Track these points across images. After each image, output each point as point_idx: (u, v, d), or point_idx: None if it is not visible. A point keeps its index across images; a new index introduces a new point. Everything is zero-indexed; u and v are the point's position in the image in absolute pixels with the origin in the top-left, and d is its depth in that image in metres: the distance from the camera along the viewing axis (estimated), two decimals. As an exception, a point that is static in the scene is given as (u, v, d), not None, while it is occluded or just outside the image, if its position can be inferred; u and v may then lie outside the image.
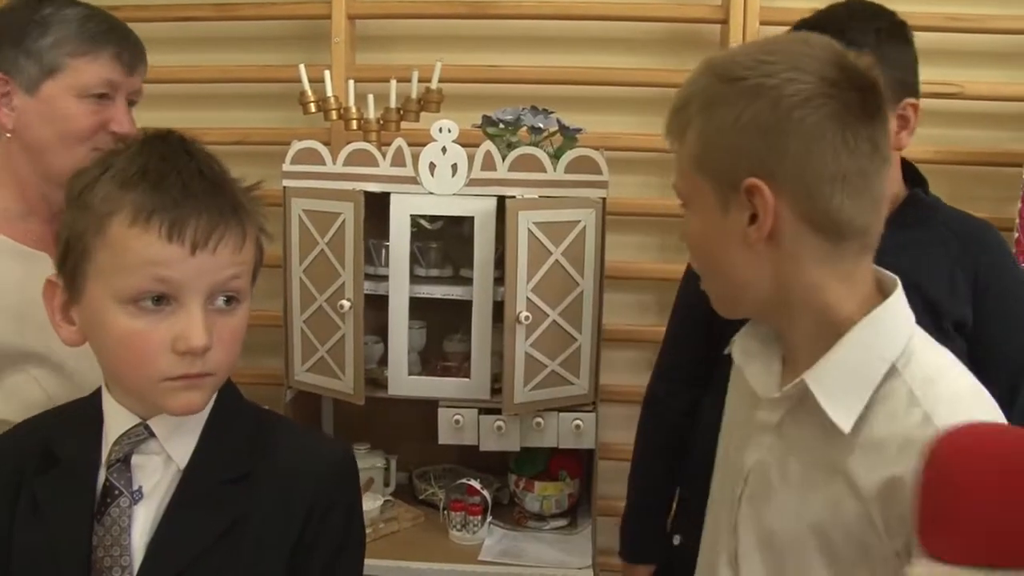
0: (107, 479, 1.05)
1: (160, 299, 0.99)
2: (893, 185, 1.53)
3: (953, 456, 0.76)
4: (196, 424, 1.08)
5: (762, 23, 2.26)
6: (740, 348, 1.15)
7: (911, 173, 1.59)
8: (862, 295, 1.01)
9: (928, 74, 2.25)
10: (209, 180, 1.02)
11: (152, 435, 1.06)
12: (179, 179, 0.99)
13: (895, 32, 1.51)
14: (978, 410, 0.95)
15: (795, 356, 1.05)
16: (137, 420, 1.06)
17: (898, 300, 1.00)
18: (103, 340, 1.02)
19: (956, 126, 2.35)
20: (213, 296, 1.02)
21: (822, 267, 0.99)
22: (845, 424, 0.96)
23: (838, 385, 0.97)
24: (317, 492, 1.10)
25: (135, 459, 1.06)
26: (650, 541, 1.87)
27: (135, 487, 1.05)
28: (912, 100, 1.49)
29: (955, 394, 0.95)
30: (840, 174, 0.96)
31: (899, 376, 0.96)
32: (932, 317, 1.45)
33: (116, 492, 1.04)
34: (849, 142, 0.96)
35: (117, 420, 1.07)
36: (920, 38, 1.56)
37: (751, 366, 1.11)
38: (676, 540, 1.81)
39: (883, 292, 1.02)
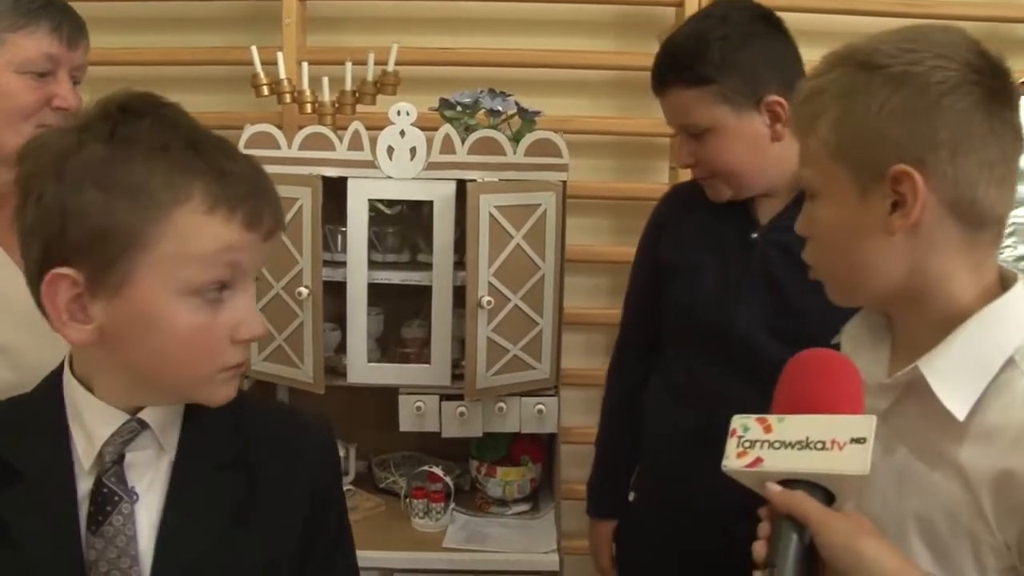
0: (103, 485, 0.96)
1: (222, 288, 0.94)
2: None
3: (791, 363, 0.97)
4: (178, 411, 1.02)
5: (717, 5, 2.26)
6: (850, 337, 1.14)
7: None
8: (985, 285, 1.00)
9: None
10: (252, 161, 0.99)
11: (143, 428, 0.98)
12: (242, 163, 0.96)
13: (742, 37, 1.55)
14: None
15: (908, 344, 1.04)
16: (125, 416, 0.97)
17: (1020, 293, 0.99)
18: (156, 335, 0.93)
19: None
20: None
21: (957, 256, 0.98)
22: (960, 412, 0.95)
23: (953, 373, 0.96)
24: (320, 464, 1.10)
25: (128, 458, 0.99)
26: (611, 500, 1.97)
27: (130, 488, 0.98)
28: (774, 96, 1.54)
29: None
30: (988, 161, 0.95)
31: (1017, 368, 0.95)
32: (825, 292, 1.50)
33: (116, 498, 0.96)
34: (996, 129, 0.95)
35: (103, 419, 0.97)
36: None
37: (860, 354, 1.09)
38: (631, 496, 1.91)
39: (1003, 285, 1.01)
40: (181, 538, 0.98)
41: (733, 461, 0.91)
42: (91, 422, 0.98)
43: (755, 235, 1.61)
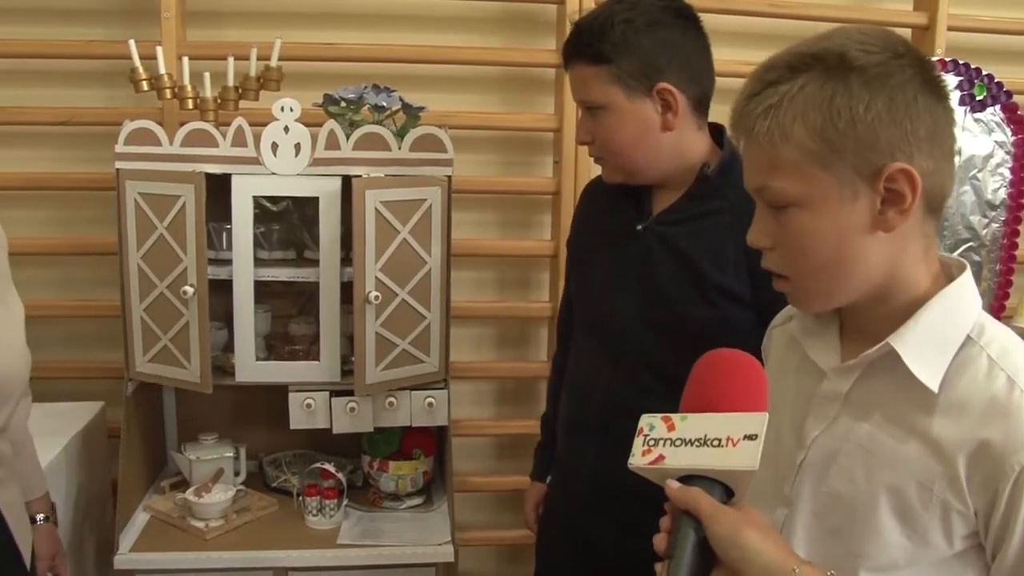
0: None
1: None
2: (696, 154, 1.62)
3: (699, 363, 0.98)
4: None
5: (598, 3, 2.31)
6: (800, 328, 1.15)
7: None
8: (935, 271, 1.04)
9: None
10: None
11: None
12: None
13: (646, 23, 1.57)
14: None
15: (860, 332, 1.07)
16: None
17: (969, 278, 1.04)
18: None
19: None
20: None
21: (920, 245, 1.02)
22: (933, 383, 0.99)
23: (921, 349, 1.00)
24: None
25: None
26: (537, 465, 2.05)
27: None
28: (666, 85, 1.56)
29: None
30: (949, 152, 1.00)
31: (975, 344, 1.00)
32: (697, 286, 1.56)
33: None
34: (951, 121, 1.00)
35: None
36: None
37: (812, 343, 1.13)
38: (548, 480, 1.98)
39: (946, 272, 1.05)
40: None
41: (638, 459, 0.94)
42: None
43: (640, 226, 1.64)
